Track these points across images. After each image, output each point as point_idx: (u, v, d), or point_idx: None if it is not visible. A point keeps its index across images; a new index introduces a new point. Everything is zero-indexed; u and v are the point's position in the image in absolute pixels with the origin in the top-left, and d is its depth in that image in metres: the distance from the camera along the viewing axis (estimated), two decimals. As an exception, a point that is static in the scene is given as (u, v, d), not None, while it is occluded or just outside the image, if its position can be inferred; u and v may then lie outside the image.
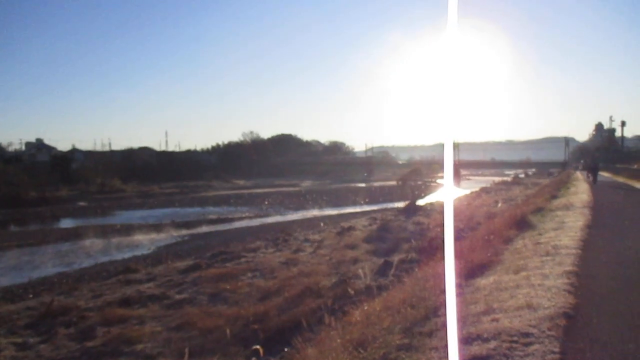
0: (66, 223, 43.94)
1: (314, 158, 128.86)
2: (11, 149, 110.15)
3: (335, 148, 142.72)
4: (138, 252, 26.02)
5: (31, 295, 16.72)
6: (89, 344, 10.34)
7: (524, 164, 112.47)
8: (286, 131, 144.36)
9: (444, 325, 5.45)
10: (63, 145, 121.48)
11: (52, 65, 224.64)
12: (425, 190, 34.50)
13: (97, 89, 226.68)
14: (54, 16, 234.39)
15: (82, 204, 58.74)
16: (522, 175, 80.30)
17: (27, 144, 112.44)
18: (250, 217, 42.50)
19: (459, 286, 7.63)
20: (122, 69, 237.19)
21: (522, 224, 13.79)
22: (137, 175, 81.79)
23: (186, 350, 4.93)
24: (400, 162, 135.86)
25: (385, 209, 39.27)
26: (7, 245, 29.00)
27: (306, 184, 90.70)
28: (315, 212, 44.50)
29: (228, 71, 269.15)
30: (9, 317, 12.89)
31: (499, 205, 27.42)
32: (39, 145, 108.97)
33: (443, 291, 6.51)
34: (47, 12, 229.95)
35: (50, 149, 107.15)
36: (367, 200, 56.30)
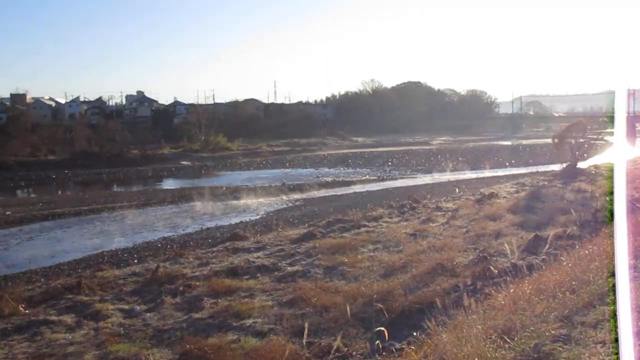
0: (169, 184, 47.27)
1: (447, 110, 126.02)
2: (112, 102, 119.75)
3: (474, 98, 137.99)
4: (246, 218, 27.37)
5: (136, 261, 18.34)
6: (195, 316, 11.17)
7: None
8: (413, 78, 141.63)
9: (614, 315, 5.19)
10: (164, 98, 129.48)
11: (152, 14, 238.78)
12: (589, 149, 32.36)
13: (199, 37, 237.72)
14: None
15: (185, 163, 62.68)
16: None
17: (128, 97, 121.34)
18: (371, 181, 42.87)
19: (633, 268, 7.20)
20: (224, 14, 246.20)
21: None
22: (243, 131, 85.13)
23: (306, 325, 5.15)
24: (556, 115, 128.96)
25: (537, 173, 37.64)
26: (111, 207, 31.85)
27: (438, 141, 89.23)
28: (449, 176, 43.78)
29: (342, 9, 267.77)
30: (115, 283, 14.27)
31: (690, 169, 25.15)
32: (140, 99, 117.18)
33: (613, 274, 6.19)
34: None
35: (151, 102, 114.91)
36: (513, 161, 54.29)
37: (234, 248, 17.67)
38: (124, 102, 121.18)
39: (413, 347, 6.88)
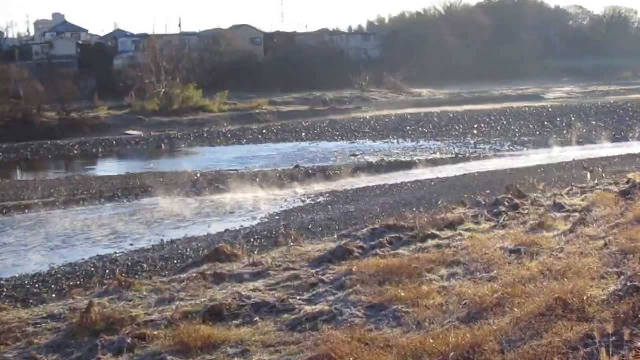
0: (109, 168, 47.63)
1: (573, 42, 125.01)
2: (12, 34, 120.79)
3: (617, 21, 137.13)
4: (235, 224, 27.44)
5: (55, 295, 18.47)
6: (154, 386, 11.26)
7: None
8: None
9: None
10: (99, 26, 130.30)
11: None
12: None
13: None
14: None
15: (133, 133, 63.09)
16: None
17: (39, 25, 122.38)
18: (444, 161, 42.86)
19: None
20: None
21: None
22: (231, 80, 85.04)
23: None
24: None
25: None
26: (13, 206, 32.14)
27: (557, 93, 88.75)
28: (575, 151, 43.62)
29: None
30: (22, 331, 14.37)
31: None
32: (57, 28, 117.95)
33: None
34: None
35: (77, 32, 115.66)
36: (684, 127, 53.90)
37: (215, 274, 17.70)
38: (32, 33, 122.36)
39: None
